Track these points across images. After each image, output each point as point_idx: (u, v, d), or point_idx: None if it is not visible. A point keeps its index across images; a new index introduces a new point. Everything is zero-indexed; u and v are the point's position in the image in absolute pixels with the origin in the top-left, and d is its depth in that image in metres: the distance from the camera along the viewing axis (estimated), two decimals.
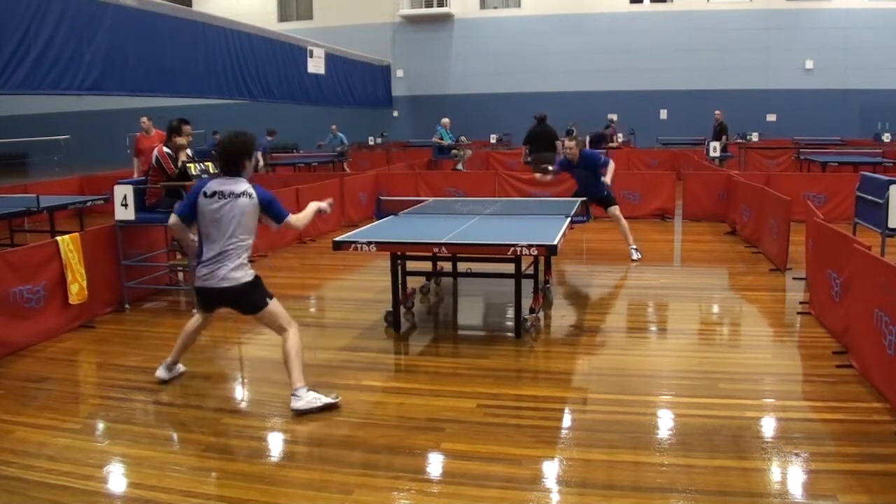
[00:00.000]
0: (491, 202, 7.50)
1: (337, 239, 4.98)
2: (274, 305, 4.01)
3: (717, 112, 14.80)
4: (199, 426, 3.77)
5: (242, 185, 3.87)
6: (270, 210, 3.95)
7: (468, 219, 5.91)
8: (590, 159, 7.76)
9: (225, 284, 3.84)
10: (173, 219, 4.02)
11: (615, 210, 7.70)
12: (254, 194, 3.88)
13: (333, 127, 17.39)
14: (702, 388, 4.14)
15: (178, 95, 12.34)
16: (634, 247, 7.78)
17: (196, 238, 4.06)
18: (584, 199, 7.01)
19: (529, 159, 11.92)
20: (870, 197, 5.96)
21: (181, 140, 6.24)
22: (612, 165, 7.73)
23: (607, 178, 7.61)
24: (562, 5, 21.70)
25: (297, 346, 3.93)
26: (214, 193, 3.83)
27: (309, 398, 3.83)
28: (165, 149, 6.15)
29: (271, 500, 3.00)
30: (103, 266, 5.88)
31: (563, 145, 8.07)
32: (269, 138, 15.99)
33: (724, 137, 14.11)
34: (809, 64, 20.39)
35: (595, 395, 4.11)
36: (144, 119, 10.28)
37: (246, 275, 3.90)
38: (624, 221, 7.78)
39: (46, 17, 8.74)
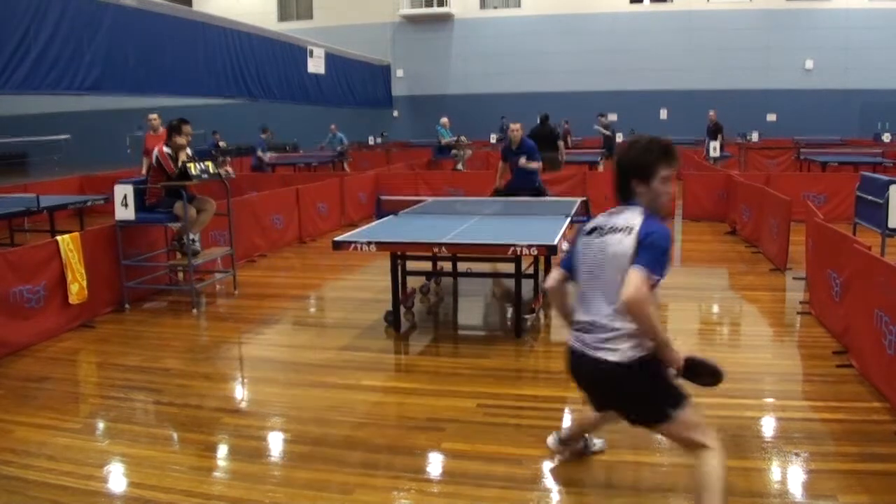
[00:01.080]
0: (491, 202, 7.49)
1: (337, 239, 4.98)
2: (685, 415, 2.57)
3: (711, 112, 14.80)
4: (199, 426, 3.77)
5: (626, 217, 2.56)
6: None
7: (468, 219, 5.91)
8: (528, 147, 7.96)
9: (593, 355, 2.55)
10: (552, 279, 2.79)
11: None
12: (635, 229, 2.49)
13: (333, 127, 17.39)
14: (702, 387, 4.13)
15: (178, 95, 12.33)
16: None
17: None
18: (585, 199, 6.99)
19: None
20: (870, 197, 5.96)
21: (181, 140, 6.24)
22: (539, 164, 8.03)
23: (531, 165, 7.88)
24: (562, 5, 21.70)
25: (718, 473, 2.48)
26: (594, 229, 2.64)
27: None
28: (166, 148, 6.15)
29: (271, 499, 3.00)
30: (103, 266, 5.88)
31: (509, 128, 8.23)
32: (263, 136, 15.62)
33: (719, 137, 14.11)
34: (809, 64, 20.39)
35: None
36: (154, 116, 9.98)
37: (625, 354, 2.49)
38: None
39: (46, 17, 8.74)
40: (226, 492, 3.07)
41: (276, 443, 3.62)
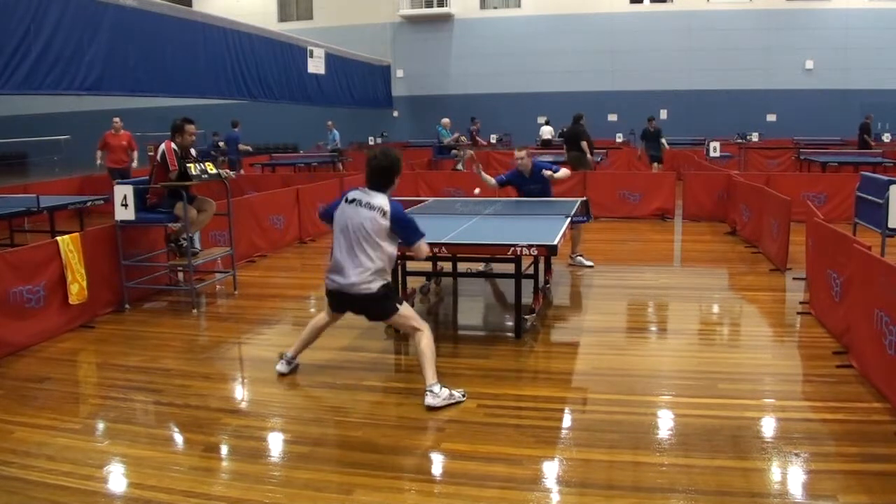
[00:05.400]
0: (491, 202, 7.49)
1: None
2: (404, 309, 4.12)
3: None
4: (199, 426, 3.77)
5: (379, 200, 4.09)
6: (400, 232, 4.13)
7: (468, 219, 5.91)
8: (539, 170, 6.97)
9: (354, 291, 4.00)
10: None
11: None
12: (387, 211, 4.04)
13: (329, 123, 17.30)
14: (702, 388, 4.14)
15: (178, 95, 12.34)
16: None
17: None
18: (585, 199, 6.99)
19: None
20: (870, 197, 5.95)
21: (189, 139, 6.21)
22: (562, 171, 7.04)
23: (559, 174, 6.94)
24: (562, 5, 21.70)
25: (431, 345, 4.02)
26: (353, 200, 4.14)
27: (444, 395, 3.90)
28: (173, 144, 6.08)
29: (271, 500, 3.00)
30: (103, 266, 5.88)
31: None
32: (236, 130, 15.51)
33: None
34: (809, 64, 20.39)
35: (595, 395, 4.10)
36: (117, 119, 11.82)
37: (374, 285, 3.99)
38: None
39: (46, 17, 8.73)
40: (226, 492, 3.07)
41: (276, 443, 3.62)
